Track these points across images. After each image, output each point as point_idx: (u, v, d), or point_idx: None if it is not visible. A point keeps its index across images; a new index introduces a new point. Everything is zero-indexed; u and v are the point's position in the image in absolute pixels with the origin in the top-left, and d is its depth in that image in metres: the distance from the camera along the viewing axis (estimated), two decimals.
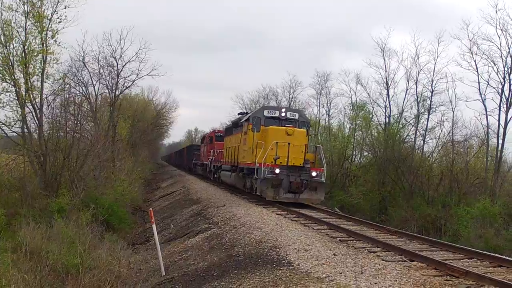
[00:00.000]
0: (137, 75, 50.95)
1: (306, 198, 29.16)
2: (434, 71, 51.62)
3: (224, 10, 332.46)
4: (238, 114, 45.95)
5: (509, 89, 42.08)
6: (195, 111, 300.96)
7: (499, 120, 42.79)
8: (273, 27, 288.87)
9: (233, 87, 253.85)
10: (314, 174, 29.35)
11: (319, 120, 71.17)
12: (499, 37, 44.19)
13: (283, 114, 32.41)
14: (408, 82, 54.47)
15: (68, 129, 33.08)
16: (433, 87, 51.47)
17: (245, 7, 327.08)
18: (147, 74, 51.45)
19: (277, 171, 28.49)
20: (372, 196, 50.00)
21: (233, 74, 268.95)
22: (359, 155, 61.00)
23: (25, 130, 32.56)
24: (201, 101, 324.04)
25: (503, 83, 42.55)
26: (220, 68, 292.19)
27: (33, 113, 32.55)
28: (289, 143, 29.03)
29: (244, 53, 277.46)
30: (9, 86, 31.46)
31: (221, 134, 53.77)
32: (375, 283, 11.87)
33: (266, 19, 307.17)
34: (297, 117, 33.07)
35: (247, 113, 40.22)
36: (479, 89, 44.44)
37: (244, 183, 34.77)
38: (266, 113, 32.73)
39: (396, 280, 12.11)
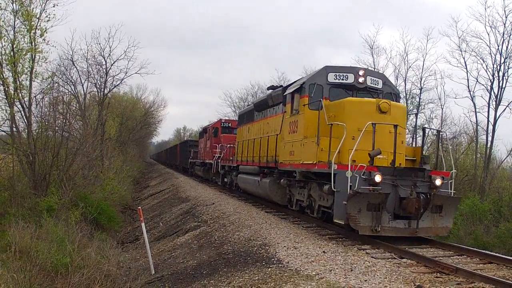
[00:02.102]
0: (126, 73, 51.27)
1: (428, 228, 17.53)
2: (423, 68, 51.60)
3: (210, 6, 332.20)
4: (268, 88, 30.04)
5: (498, 86, 42.20)
6: (184, 109, 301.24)
7: (488, 117, 42.85)
8: (261, 24, 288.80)
9: (222, 84, 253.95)
10: (438, 182, 17.66)
11: None
12: (488, 34, 44.52)
13: (360, 80, 21.05)
14: (397, 79, 54.39)
15: (56, 128, 33.01)
16: (422, 84, 51.44)
17: (232, 3, 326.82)
18: (135, 73, 51.76)
19: (378, 178, 16.69)
20: None
21: (221, 71, 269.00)
22: None
23: (14, 129, 32.46)
24: (189, 98, 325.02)
25: (492, 80, 42.62)
26: (208, 65, 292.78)
27: (22, 112, 32.47)
28: (396, 126, 17.84)
29: (232, 50, 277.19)
30: None
31: (229, 125, 46.11)
32: (365, 280, 11.92)
33: (253, 15, 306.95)
34: (380, 85, 21.68)
35: (282, 86, 27.23)
36: (468, 86, 44.44)
37: (289, 196, 23.86)
38: (332, 77, 21.10)
39: (386, 277, 12.17)
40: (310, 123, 20.23)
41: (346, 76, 21.22)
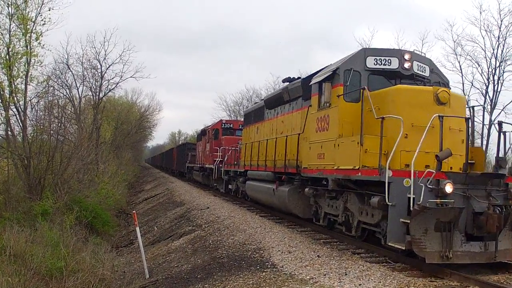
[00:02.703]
0: (121, 77, 51.48)
1: (506, 250, 13.91)
2: None
3: (205, 9, 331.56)
4: (284, 81, 25.70)
5: (493, 90, 42.33)
6: (178, 113, 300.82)
7: (483, 121, 42.84)
8: (257, 27, 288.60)
9: (216, 87, 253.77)
10: None
11: None
12: (483, 38, 44.45)
13: (406, 65, 17.39)
14: None
15: (52, 132, 32.98)
16: None
17: (227, 6, 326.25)
18: (131, 76, 52.03)
19: (449, 188, 13.16)
20: None
21: (215, 74, 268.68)
22: None
23: (9, 132, 32.46)
24: (184, 103, 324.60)
25: (487, 84, 42.77)
26: (202, 68, 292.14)
27: (17, 115, 32.50)
28: (468, 119, 15.82)
29: (227, 53, 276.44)
30: None
31: (231, 126, 43.52)
32: (359, 285, 11.93)
33: (249, 18, 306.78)
34: (427, 72, 18.13)
35: (299, 78, 24.00)
36: (463, 90, 44.44)
37: (315, 209, 20.10)
38: (371, 62, 17.46)
39: (380, 281, 12.16)
40: (347, 118, 16.89)
41: (389, 61, 17.54)
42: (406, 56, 17.42)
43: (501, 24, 41.63)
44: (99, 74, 51.71)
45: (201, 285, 14.74)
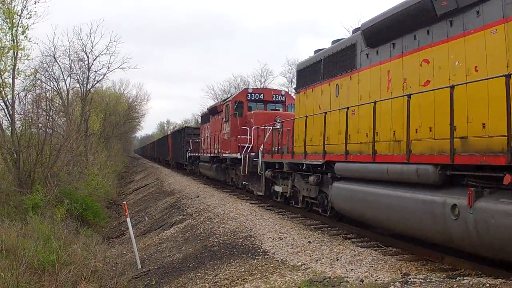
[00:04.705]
0: (108, 68, 51.39)
1: None
2: None
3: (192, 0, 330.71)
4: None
5: None
6: (167, 103, 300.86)
7: None
8: (242, 17, 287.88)
9: (204, 77, 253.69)
10: None
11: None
12: None
13: None
14: None
15: (40, 125, 32.94)
16: None
17: None
18: (118, 67, 51.98)
19: None
20: None
21: (203, 64, 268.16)
22: None
23: None
24: (172, 92, 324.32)
25: None
26: (190, 58, 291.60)
27: (5, 110, 32.44)
28: None
29: (214, 43, 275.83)
30: None
31: (261, 96, 31.53)
32: (351, 270, 11.93)
33: (233, 8, 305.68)
34: None
35: None
36: None
37: None
38: None
39: (372, 266, 12.15)
40: None
41: None
42: None
43: None
44: (86, 66, 51.75)
45: (193, 274, 14.75)
